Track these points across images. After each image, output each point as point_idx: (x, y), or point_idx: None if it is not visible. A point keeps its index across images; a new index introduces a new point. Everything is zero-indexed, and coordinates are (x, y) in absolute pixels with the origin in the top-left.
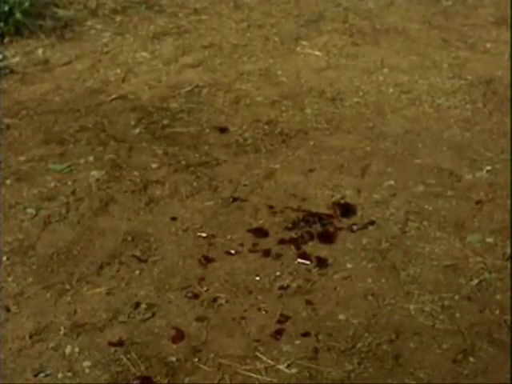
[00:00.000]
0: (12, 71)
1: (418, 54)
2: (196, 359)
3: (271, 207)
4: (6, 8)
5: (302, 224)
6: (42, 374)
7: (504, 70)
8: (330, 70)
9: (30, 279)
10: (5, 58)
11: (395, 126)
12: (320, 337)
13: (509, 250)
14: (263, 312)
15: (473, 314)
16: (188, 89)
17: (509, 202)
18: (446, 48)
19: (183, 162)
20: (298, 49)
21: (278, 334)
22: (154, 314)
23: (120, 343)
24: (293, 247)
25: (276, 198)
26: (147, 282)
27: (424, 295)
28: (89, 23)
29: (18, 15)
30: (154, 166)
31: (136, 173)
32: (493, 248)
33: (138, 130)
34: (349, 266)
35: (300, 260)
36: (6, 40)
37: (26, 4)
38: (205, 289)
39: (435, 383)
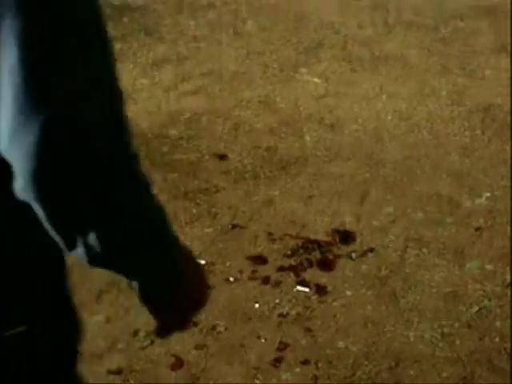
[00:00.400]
0: None
1: (417, 81)
2: None
3: (270, 234)
4: None
5: (301, 251)
6: None
7: (503, 96)
8: (328, 97)
9: None
10: None
11: (394, 152)
12: (319, 364)
13: (508, 277)
14: (262, 340)
15: (473, 341)
16: (187, 116)
17: (508, 228)
18: (445, 75)
19: (182, 189)
20: (297, 76)
21: (278, 361)
22: (152, 342)
23: (119, 371)
24: (292, 274)
25: (275, 225)
26: (146, 310)
27: (424, 322)
28: None
29: None
30: (154, 192)
31: None
32: (492, 275)
33: None
34: (348, 293)
35: (299, 287)
36: None
37: None
38: (204, 316)
39: None
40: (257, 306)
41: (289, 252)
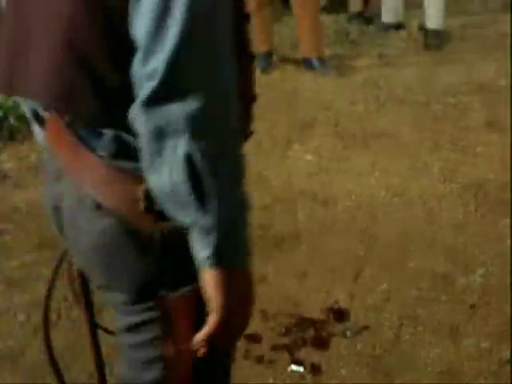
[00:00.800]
0: (5, 176)
1: (409, 157)
2: None
3: (264, 312)
4: (1, 113)
5: (295, 329)
6: None
7: (495, 172)
8: (321, 174)
9: None
10: None
11: (388, 229)
12: None
13: (505, 355)
14: None
15: None
16: None
17: (503, 305)
18: (437, 151)
19: None
20: (290, 152)
21: None
22: None
23: None
24: (286, 353)
25: (269, 302)
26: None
27: None
28: None
29: (13, 121)
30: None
31: None
32: (488, 353)
33: None
34: (343, 371)
35: (293, 366)
36: (0, 145)
37: (20, 110)
38: None
39: None
40: None
41: (283, 330)
